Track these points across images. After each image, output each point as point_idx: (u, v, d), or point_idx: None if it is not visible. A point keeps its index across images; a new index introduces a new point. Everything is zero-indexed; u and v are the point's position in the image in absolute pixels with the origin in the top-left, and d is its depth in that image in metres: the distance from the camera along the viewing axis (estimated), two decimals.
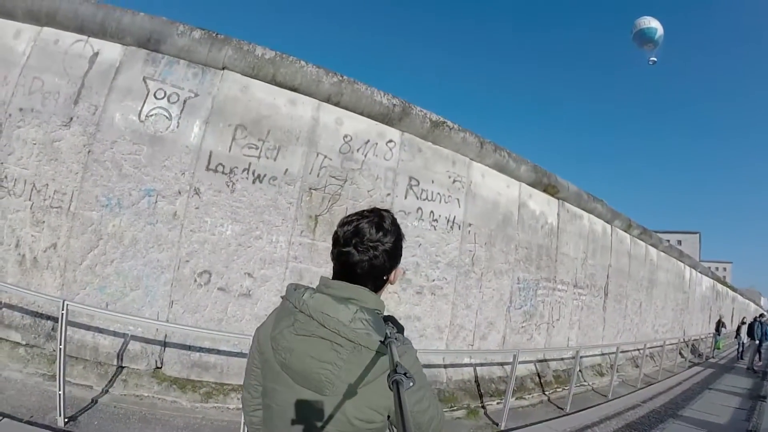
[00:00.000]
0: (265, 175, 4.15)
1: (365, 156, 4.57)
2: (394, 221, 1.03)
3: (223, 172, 4.07)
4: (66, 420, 2.96)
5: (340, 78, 4.45)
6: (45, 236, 4.02)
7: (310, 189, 4.30)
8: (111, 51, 4.24)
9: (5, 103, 4.26)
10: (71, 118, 4.13)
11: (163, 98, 4.09)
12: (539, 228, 6.50)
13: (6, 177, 4.11)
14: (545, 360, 6.73)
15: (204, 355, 3.90)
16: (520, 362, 5.60)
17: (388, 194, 4.68)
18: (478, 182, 5.54)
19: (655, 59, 22.97)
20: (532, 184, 6.34)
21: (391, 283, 1.06)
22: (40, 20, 4.40)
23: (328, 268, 0.99)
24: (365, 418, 0.89)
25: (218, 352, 3.90)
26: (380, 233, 0.98)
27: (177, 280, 3.93)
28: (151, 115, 4.06)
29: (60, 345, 2.94)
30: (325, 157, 4.37)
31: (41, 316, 3.83)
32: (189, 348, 3.89)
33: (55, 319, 3.60)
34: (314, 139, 4.35)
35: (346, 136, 4.49)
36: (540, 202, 6.54)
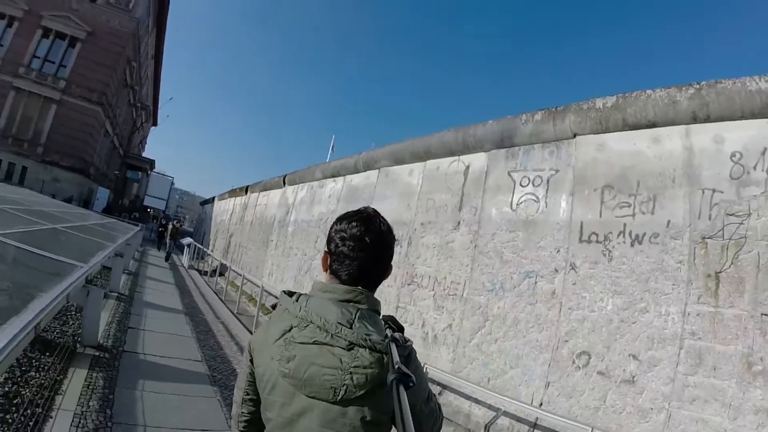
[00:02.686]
0: (644, 234, 3.59)
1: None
2: (384, 219, 1.04)
3: (597, 241, 3.85)
4: None
5: (697, 86, 3.51)
6: (443, 318, 5.00)
7: (703, 238, 3.29)
8: (477, 160, 5.24)
9: (412, 222, 5.92)
10: (458, 222, 5.21)
11: (528, 185, 4.55)
12: None
13: (416, 274, 5.56)
14: None
15: None
16: None
17: None
18: None
19: None
20: None
21: (384, 279, 1.06)
22: (422, 157, 6.09)
23: (738, 346, 0.50)
24: (372, 420, 0.85)
25: None
26: (378, 231, 0.99)
27: (555, 360, 3.82)
28: (521, 203, 4.55)
29: None
30: (714, 191, 3.34)
31: (431, 381, 4.58)
32: None
33: (442, 386, 4.52)
34: (693, 172, 3.47)
35: (733, 154, 3.32)
36: None
